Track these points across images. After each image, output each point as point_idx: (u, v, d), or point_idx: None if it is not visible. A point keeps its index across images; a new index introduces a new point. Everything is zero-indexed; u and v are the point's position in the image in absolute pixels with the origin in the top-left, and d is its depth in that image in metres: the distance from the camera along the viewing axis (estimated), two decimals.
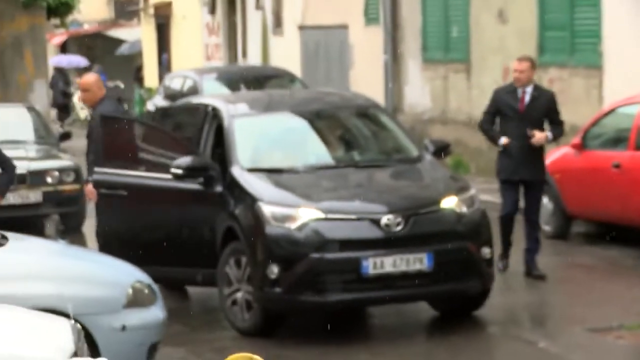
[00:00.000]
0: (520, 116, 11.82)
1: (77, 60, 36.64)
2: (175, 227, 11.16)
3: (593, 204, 13.80)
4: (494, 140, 12.16)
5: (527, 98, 11.86)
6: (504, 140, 11.89)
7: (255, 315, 10.29)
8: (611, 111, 14.22)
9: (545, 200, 14.41)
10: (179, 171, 10.88)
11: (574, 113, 17.37)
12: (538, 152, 12.00)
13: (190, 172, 10.94)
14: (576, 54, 17.79)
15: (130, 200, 11.41)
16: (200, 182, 10.90)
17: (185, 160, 10.94)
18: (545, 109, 11.95)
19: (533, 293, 11.88)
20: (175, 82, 21.56)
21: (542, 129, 11.86)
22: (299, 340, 10.23)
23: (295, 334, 10.48)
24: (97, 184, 11.48)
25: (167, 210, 11.35)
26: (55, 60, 35.79)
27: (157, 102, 21.48)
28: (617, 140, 13.84)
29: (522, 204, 12.24)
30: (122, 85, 35.35)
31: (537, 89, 12.12)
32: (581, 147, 14.10)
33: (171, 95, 19.88)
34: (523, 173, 11.87)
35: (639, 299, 11.33)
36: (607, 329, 10.31)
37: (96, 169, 11.48)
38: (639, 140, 13.44)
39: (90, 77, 12.10)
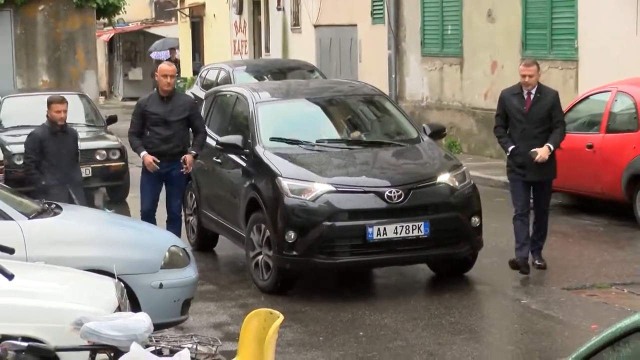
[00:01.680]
0: (526, 117, 10.55)
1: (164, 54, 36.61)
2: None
3: (569, 179, 13.74)
4: (503, 147, 10.84)
5: (532, 99, 10.61)
6: (511, 148, 10.60)
7: (273, 275, 10.28)
8: (585, 98, 14.15)
9: None
10: (219, 146, 11.34)
11: None
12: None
13: (224, 148, 11.18)
14: (555, 48, 17.70)
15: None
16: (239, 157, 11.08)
17: (222, 138, 11.34)
18: (548, 109, 10.64)
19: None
20: (210, 74, 21.48)
21: (547, 129, 10.59)
22: (312, 297, 10.21)
23: (308, 291, 10.47)
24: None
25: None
26: (154, 54, 35.80)
27: (195, 90, 21.44)
28: (591, 124, 13.78)
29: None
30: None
31: (541, 89, 10.78)
32: None
33: (207, 85, 19.81)
34: (532, 175, 10.58)
35: (608, 262, 11.28)
36: (581, 288, 10.27)
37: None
38: (610, 124, 13.38)
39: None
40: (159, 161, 11.35)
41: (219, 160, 11.71)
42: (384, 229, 9.90)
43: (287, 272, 10.28)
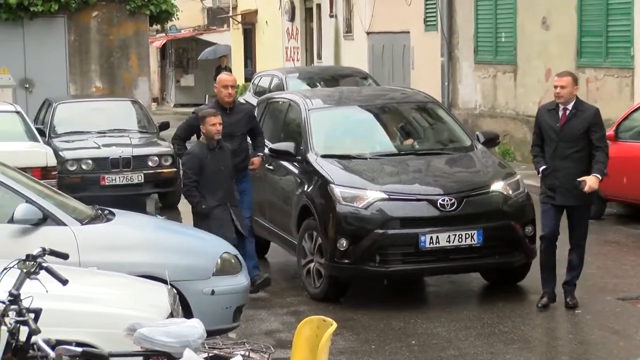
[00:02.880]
0: (558, 135, 9.56)
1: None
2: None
3: (625, 188, 13.62)
4: (535, 168, 9.85)
5: (567, 115, 9.60)
6: (542, 169, 9.67)
7: (325, 282, 10.29)
8: None
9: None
10: (271, 153, 11.30)
11: (608, 109, 17.15)
12: (577, 172, 9.56)
13: (276, 155, 11.20)
14: (610, 56, 17.54)
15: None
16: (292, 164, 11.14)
17: (274, 144, 11.33)
18: (584, 126, 9.53)
19: None
20: (263, 81, 21.55)
21: (582, 150, 9.54)
22: (363, 305, 10.20)
23: (360, 299, 10.46)
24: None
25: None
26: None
27: (247, 97, 21.54)
28: None
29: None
30: None
31: (578, 104, 9.71)
32: (614, 138, 13.90)
33: (260, 92, 19.87)
34: (564, 198, 9.57)
35: None
36: (637, 299, 10.17)
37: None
38: None
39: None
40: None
41: (271, 167, 11.73)
42: (437, 237, 9.87)
43: (338, 280, 10.28)
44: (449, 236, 9.88)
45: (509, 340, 8.96)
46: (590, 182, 9.48)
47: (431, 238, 9.86)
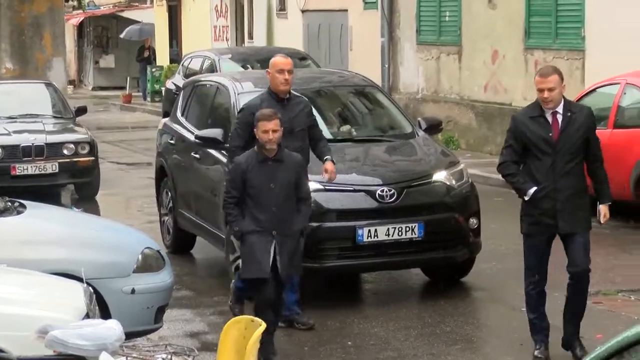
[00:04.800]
0: (556, 148, 8.20)
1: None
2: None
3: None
4: (520, 191, 8.38)
5: (560, 122, 8.24)
6: (532, 191, 8.24)
7: None
8: (592, 91, 14.22)
9: None
10: (197, 140, 11.20)
11: None
12: (581, 195, 8.38)
13: (203, 142, 11.13)
14: (560, 37, 17.77)
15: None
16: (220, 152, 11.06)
17: (200, 131, 11.25)
18: (583, 133, 8.28)
19: (516, 260, 11.82)
20: (194, 62, 21.50)
21: (580, 162, 8.33)
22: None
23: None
24: None
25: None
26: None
27: (177, 80, 21.47)
28: (598, 118, 13.77)
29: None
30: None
31: (570, 106, 8.40)
32: None
33: (190, 75, 19.81)
34: (569, 225, 8.28)
35: (615, 267, 11.34)
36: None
37: None
38: (618, 118, 13.43)
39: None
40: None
41: (197, 156, 11.71)
42: (375, 230, 9.92)
43: None
44: (388, 229, 9.95)
45: (451, 341, 9.05)
46: (607, 212, 8.43)
47: (369, 231, 9.91)
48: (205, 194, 11.55)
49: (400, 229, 9.98)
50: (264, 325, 6.04)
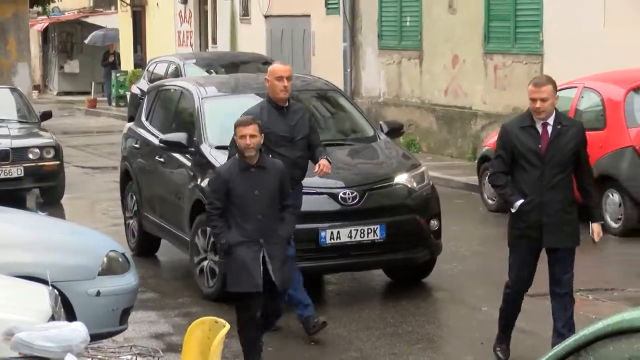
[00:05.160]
0: (544, 160, 7.96)
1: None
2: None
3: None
4: (507, 203, 8.17)
5: (549, 134, 7.98)
6: (519, 203, 8.00)
7: (220, 281, 10.29)
8: None
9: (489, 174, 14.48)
10: (161, 144, 11.18)
11: (517, 96, 17.49)
12: (569, 209, 8.13)
13: (167, 146, 11.12)
14: (519, 42, 17.87)
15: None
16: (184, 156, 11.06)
17: (165, 135, 11.23)
18: (573, 146, 8.00)
19: (477, 261, 11.93)
20: (159, 67, 21.46)
21: (569, 175, 8.09)
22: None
23: None
24: None
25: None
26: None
27: (142, 85, 21.41)
28: None
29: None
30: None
31: (560, 118, 8.13)
32: None
33: (155, 79, 19.78)
34: (555, 239, 8.05)
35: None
36: (545, 295, 10.34)
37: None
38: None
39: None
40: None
41: (161, 160, 11.69)
42: (338, 232, 9.94)
43: None
44: (350, 231, 9.97)
45: (413, 341, 9.08)
46: (600, 231, 8.24)
47: (332, 233, 9.93)
48: (169, 197, 11.53)
49: (362, 231, 10.00)
50: (228, 326, 6.04)
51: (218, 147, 10.77)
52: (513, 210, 8.07)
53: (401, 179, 10.45)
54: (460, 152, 19.03)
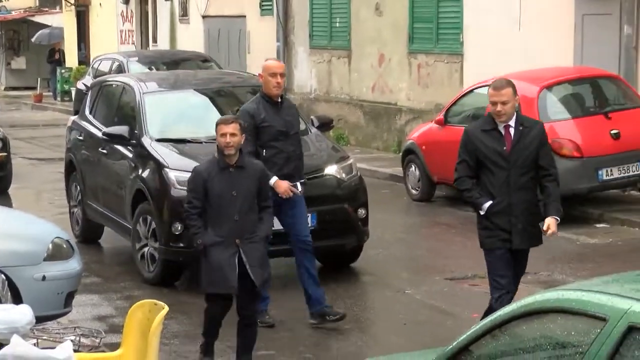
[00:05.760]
0: (510, 161, 7.60)
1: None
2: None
3: (453, 171, 13.94)
4: (475, 205, 7.79)
5: (512, 135, 7.63)
6: (488, 205, 7.62)
7: (159, 267, 10.25)
8: (470, 92, 14.39)
9: (412, 168, 14.57)
10: (104, 137, 11.08)
11: (439, 94, 17.60)
12: (534, 210, 7.76)
13: (110, 139, 11.01)
14: (440, 42, 17.97)
15: None
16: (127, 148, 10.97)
17: (108, 128, 11.14)
18: (535, 147, 7.66)
19: (401, 248, 11.99)
20: (103, 64, 21.27)
21: (534, 176, 7.71)
22: (198, 289, 10.17)
23: (194, 284, 10.44)
24: None
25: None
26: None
27: (87, 81, 21.19)
28: (475, 117, 13.98)
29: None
30: None
31: (522, 120, 7.75)
32: (444, 122, 14.25)
33: (100, 76, 19.60)
34: (522, 240, 7.67)
35: None
36: (463, 278, 10.47)
37: None
38: None
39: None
40: (299, 187, 9.03)
41: (104, 151, 11.59)
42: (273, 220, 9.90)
43: (173, 264, 10.24)
44: None
45: (342, 322, 9.08)
46: (554, 226, 7.65)
47: None
48: (112, 187, 11.44)
49: None
50: (166, 308, 6.00)
51: (158, 140, 10.71)
52: (482, 213, 7.67)
53: (331, 170, 10.47)
54: (386, 145, 19.10)
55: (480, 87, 14.18)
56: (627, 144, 12.94)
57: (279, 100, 8.98)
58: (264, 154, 8.75)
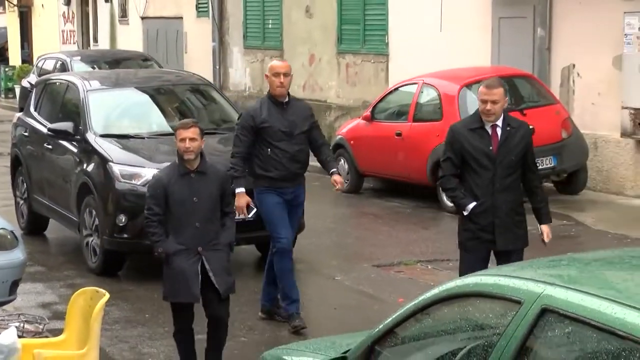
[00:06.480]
0: (495, 162, 7.14)
1: None
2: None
3: (380, 164, 14.05)
4: (459, 205, 7.26)
5: (499, 136, 7.17)
6: (472, 206, 7.15)
7: (103, 257, 10.16)
8: (395, 90, 14.47)
9: (342, 161, 14.61)
10: (49, 133, 10.95)
11: (366, 92, 17.67)
12: (519, 210, 7.26)
13: (55, 134, 10.90)
14: (367, 43, 18.04)
15: None
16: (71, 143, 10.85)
17: (53, 124, 11.02)
18: (522, 148, 7.21)
19: (332, 237, 12.02)
20: (47, 63, 21.01)
21: (519, 177, 7.24)
22: (139, 278, 10.15)
23: (136, 273, 10.39)
24: None
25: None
26: None
27: (32, 79, 20.90)
28: (400, 113, 14.09)
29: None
30: None
31: (509, 120, 7.28)
32: (370, 118, 14.32)
33: (44, 74, 19.36)
34: (506, 241, 7.19)
35: (415, 240, 11.60)
36: (390, 265, 10.53)
37: None
38: (416, 113, 13.72)
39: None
40: (253, 208, 8.48)
41: (49, 147, 11.46)
42: None
43: (116, 255, 10.16)
44: None
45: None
46: (549, 232, 7.29)
47: None
48: (57, 180, 11.33)
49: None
50: (107, 295, 5.96)
51: (102, 136, 10.63)
52: (465, 213, 7.19)
53: None
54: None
55: (405, 85, 14.29)
56: (541, 138, 13.07)
57: (286, 100, 8.45)
58: (268, 152, 8.33)
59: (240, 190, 8.24)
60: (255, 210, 8.34)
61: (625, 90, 12.99)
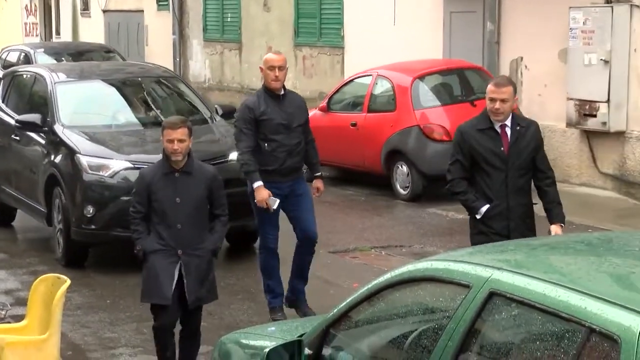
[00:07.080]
0: (508, 162, 6.67)
1: None
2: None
3: (336, 154, 14.05)
4: (471, 209, 6.75)
5: (509, 136, 6.70)
6: (485, 209, 6.67)
7: (68, 248, 10.06)
8: (350, 81, 14.48)
9: None
10: (17, 124, 10.82)
11: (322, 83, 17.67)
12: (530, 213, 6.85)
13: (23, 126, 10.77)
14: (323, 36, 18.04)
15: None
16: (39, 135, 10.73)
17: (20, 116, 10.89)
18: (532, 147, 6.75)
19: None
20: (11, 55, 20.80)
21: (530, 176, 6.79)
22: (101, 266, 10.09)
23: (99, 261, 10.32)
24: None
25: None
26: None
27: None
28: (355, 104, 14.11)
29: None
30: None
31: (518, 120, 6.85)
32: (326, 109, 14.31)
33: (8, 66, 19.14)
34: None
35: (369, 227, 11.62)
36: (345, 251, 10.54)
37: None
38: (371, 104, 13.74)
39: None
40: (277, 199, 8.05)
41: (17, 138, 11.29)
42: None
43: (81, 245, 10.06)
44: None
45: (234, 292, 9.11)
46: (560, 232, 6.72)
47: None
48: (24, 171, 11.18)
49: None
50: (68, 282, 5.91)
51: (70, 127, 10.51)
52: (478, 217, 6.70)
53: (235, 155, 10.36)
54: None
55: (360, 77, 14.29)
56: None
57: (282, 93, 8.16)
58: (266, 147, 8.05)
59: (258, 184, 7.96)
60: (279, 201, 8.05)
61: (570, 82, 13.10)
